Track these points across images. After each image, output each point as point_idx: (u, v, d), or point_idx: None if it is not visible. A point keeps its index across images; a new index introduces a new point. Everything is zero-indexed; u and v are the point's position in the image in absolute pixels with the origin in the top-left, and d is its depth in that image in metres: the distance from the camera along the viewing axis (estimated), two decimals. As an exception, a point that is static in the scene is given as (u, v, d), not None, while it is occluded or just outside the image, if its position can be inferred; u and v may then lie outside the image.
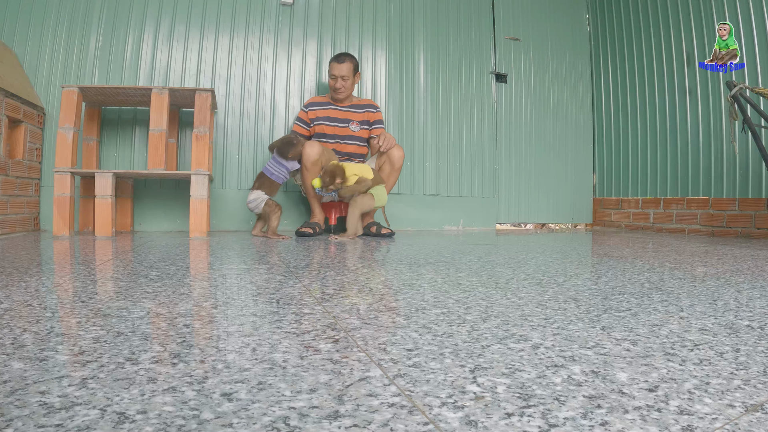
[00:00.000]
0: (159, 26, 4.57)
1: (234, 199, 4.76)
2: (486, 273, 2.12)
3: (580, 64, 6.51)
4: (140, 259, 2.38)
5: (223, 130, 4.76)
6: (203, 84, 4.66)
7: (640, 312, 1.38)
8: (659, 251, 3.27)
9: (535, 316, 1.31)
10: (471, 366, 0.91)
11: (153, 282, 1.72)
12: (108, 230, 3.62)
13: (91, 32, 4.41)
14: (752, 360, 0.97)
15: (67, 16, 4.36)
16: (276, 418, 0.67)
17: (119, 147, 4.47)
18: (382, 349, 1.00)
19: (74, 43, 4.37)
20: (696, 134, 5.20)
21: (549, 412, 0.71)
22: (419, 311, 1.34)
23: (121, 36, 4.47)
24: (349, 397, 0.75)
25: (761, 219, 4.57)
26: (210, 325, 1.17)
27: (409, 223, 5.42)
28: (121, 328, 1.11)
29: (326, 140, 4.49)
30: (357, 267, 2.30)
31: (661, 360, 0.96)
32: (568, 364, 0.93)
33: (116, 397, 0.72)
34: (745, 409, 0.74)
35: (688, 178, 5.29)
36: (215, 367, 0.86)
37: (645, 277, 2.06)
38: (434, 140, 5.55)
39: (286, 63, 4.99)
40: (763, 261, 2.74)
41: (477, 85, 5.79)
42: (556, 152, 6.22)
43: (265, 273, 2.02)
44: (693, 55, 5.22)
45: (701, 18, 5.13)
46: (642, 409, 0.73)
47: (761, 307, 1.48)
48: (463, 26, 5.75)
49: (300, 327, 1.15)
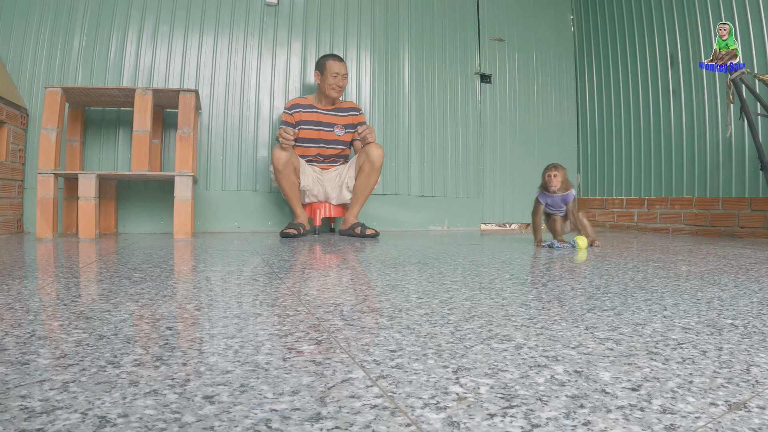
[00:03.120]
0: (143, 26, 4.55)
1: (218, 200, 4.75)
2: (470, 273, 2.12)
3: (564, 64, 6.53)
4: (124, 262, 2.37)
5: (207, 131, 4.74)
6: (187, 84, 4.65)
7: (623, 311, 1.39)
8: (643, 250, 3.29)
9: (519, 316, 1.31)
10: (454, 367, 0.91)
11: (136, 284, 1.72)
12: (92, 232, 3.60)
13: (75, 32, 4.39)
14: (735, 358, 0.98)
15: (51, 16, 4.33)
16: (257, 420, 0.66)
17: (103, 148, 4.45)
18: (365, 350, 1.00)
19: (58, 43, 4.35)
20: (679, 134, 5.23)
21: (532, 412, 0.71)
22: (403, 312, 1.34)
23: (105, 36, 4.45)
24: (332, 398, 0.75)
25: (745, 218, 4.60)
26: (193, 328, 1.16)
27: (393, 223, 5.42)
28: (103, 331, 1.10)
29: (310, 145, 4.48)
30: (341, 268, 2.30)
31: (644, 359, 0.97)
32: (552, 364, 0.93)
33: (97, 400, 0.71)
34: (728, 407, 0.74)
35: (671, 177, 5.32)
36: (197, 370, 0.86)
37: (629, 277, 2.07)
38: (419, 141, 5.56)
39: (270, 64, 4.98)
40: (747, 260, 2.76)
41: (462, 86, 5.81)
42: (540, 152, 6.24)
43: (249, 274, 2.01)
44: (677, 55, 5.26)
45: (685, 19, 5.16)
46: (625, 408, 0.73)
47: (744, 305, 1.49)
48: (447, 27, 5.76)
49: (283, 329, 1.15)
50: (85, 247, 3.03)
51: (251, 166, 4.87)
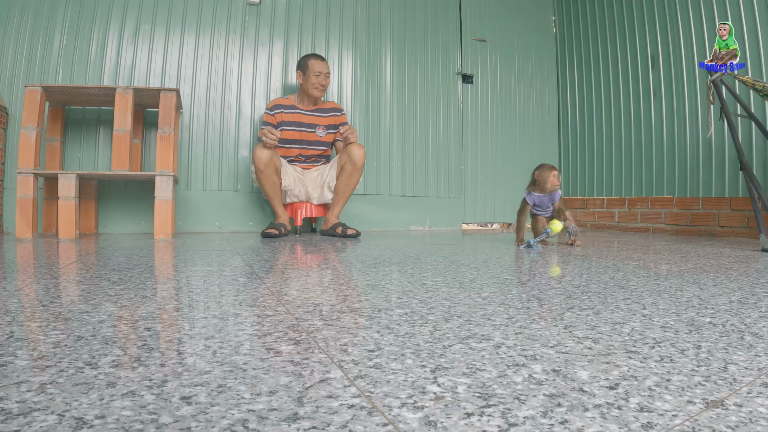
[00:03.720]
0: (124, 25, 4.51)
1: (199, 201, 4.73)
2: (450, 273, 2.13)
3: (546, 65, 6.56)
4: (103, 262, 2.36)
5: (188, 131, 4.72)
6: (168, 84, 4.63)
7: (602, 310, 1.40)
8: (624, 250, 3.31)
9: (498, 316, 1.32)
10: (432, 366, 0.91)
11: (115, 285, 1.71)
12: (72, 232, 3.58)
13: (56, 31, 4.35)
14: (713, 357, 0.99)
15: (31, 14, 4.29)
16: (235, 421, 0.67)
17: (83, 148, 4.41)
18: (343, 350, 1.00)
19: (38, 42, 4.31)
20: (660, 135, 5.27)
21: (509, 411, 0.72)
22: (382, 312, 1.35)
23: (86, 35, 4.41)
24: (309, 398, 0.75)
25: (725, 218, 4.64)
26: (172, 328, 1.16)
27: (374, 223, 5.43)
28: (81, 332, 1.10)
29: (292, 146, 4.47)
30: (321, 268, 2.30)
31: (622, 358, 0.97)
32: (530, 363, 0.94)
33: (75, 402, 0.71)
34: (706, 405, 0.75)
35: (652, 177, 5.36)
36: (175, 371, 0.86)
37: (609, 276, 2.09)
38: (400, 141, 5.56)
39: (252, 63, 4.97)
40: (726, 259, 2.78)
41: (443, 86, 5.82)
42: (522, 152, 6.27)
43: (230, 275, 2.01)
44: (657, 57, 5.29)
45: (666, 21, 5.20)
46: (602, 407, 0.74)
47: (723, 304, 1.51)
48: (429, 27, 5.77)
49: (262, 329, 1.15)
50: (64, 248, 3.01)
51: (232, 165, 4.85)
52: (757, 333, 1.17)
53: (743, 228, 4.50)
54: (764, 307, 1.48)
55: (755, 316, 1.35)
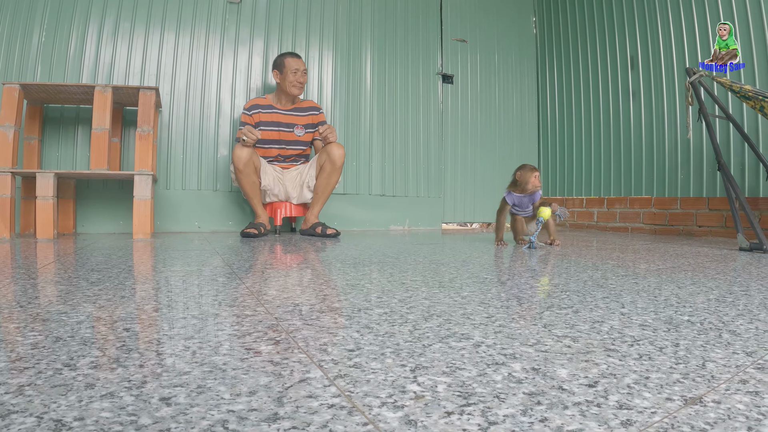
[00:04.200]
0: (103, 22, 4.47)
1: (178, 200, 4.70)
2: (430, 272, 2.13)
3: (526, 65, 6.59)
4: (82, 262, 2.35)
5: (167, 130, 4.69)
6: (148, 82, 4.59)
7: (581, 309, 1.41)
8: (602, 249, 3.33)
9: (478, 315, 1.32)
10: (412, 365, 0.91)
11: (94, 285, 1.70)
12: (50, 232, 3.55)
13: (34, 27, 4.30)
14: (691, 354, 1.00)
15: (10, 10, 4.24)
16: (214, 422, 0.66)
17: (61, 146, 4.38)
18: (323, 350, 1.00)
19: (16, 38, 4.26)
20: (639, 135, 5.31)
21: (489, 409, 0.72)
22: (362, 311, 1.35)
23: (65, 32, 4.37)
24: (289, 398, 0.75)
25: (703, 217, 4.69)
26: (150, 329, 1.16)
27: (354, 223, 5.42)
28: (60, 333, 1.09)
29: (270, 146, 4.46)
30: (301, 268, 2.30)
31: (601, 356, 0.98)
32: (509, 361, 0.94)
33: (53, 404, 0.71)
34: (684, 402, 0.75)
35: (631, 177, 5.40)
36: (155, 371, 0.86)
37: (588, 275, 2.10)
38: (380, 140, 5.57)
39: (232, 62, 4.94)
40: (704, 258, 2.81)
41: (423, 86, 5.83)
42: (501, 152, 6.29)
43: (209, 275, 2.00)
44: (636, 58, 5.33)
45: (645, 22, 5.24)
46: (582, 404, 0.74)
47: (701, 302, 1.52)
48: (410, 27, 5.77)
49: (241, 329, 1.15)
50: (43, 248, 2.99)
51: (212, 165, 4.83)
52: (734, 331, 1.19)
53: (721, 227, 4.54)
54: (742, 305, 1.50)
55: (733, 314, 1.37)
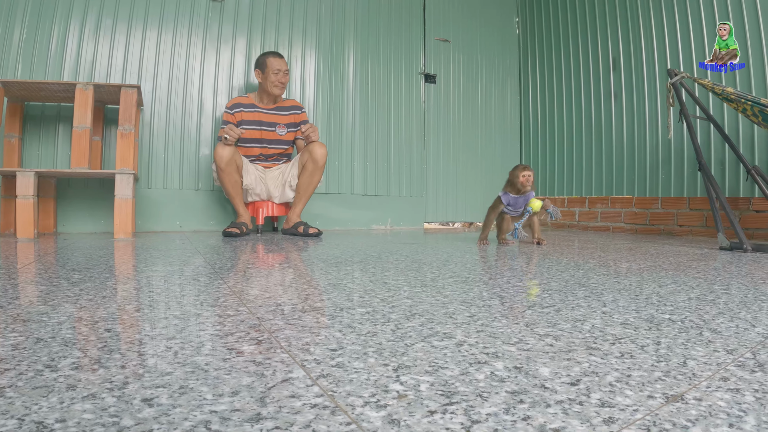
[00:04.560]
0: (85, 19, 4.43)
1: (160, 199, 4.68)
2: (412, 272, 2.14)
3: (508, 66, 6.62)
4: (63, 262, 2.33)
5: (149, 128, 4.66)
6: (129, 80, 4.56)
7: (563, 308, 1.42)
8: (584, 248, 3.35)
9: (460, 314, 1.33)
10: (394, 365, 0.92)
11: (75, 285, 1.69)
12: (30, 232, 3.52)
13: (15, 24, 4.24)
14: (672, 352, 1.01)
15: (-11, 7, 4.21)
16: (197, 422, 0.66)
17: (42, 145, 4.33)
18: (305, 349, 1.00)
19: (-5, 36, 4.23)
20: (620, 136, 5.35)
21: (472, 408, 0.72)
22: (344, 311, 1.35)
23: (46, 29, 4.32)
24: (272, 399, 0.75)
25: (683, 217, 4.73)
26: (132, 329, 1.15)
27: (336, 222, 5.42)
28: (41, 333, 1.08)
29: (252, 145, 4.45)
30: (283, 267, 2.30)
31: (583, 354, 0.99)
32: (492, 360, 0.95)
33: (35, 405, 0.71)
34: (666, 399, 0.76)
35: (612, 177, 5.43)
36: (136, 372, 0.85)
37: (569, 274, 2.11)
38: (362, 140, 5.56)
39: (214, 60, 4.92)
40: (685, 257, 2.83)
41: (406, 86, 5.84)
42: (483, 152, 6.31)
43: (191, 274, 1.99)
44: (619, 59, 5.37)
45: (628, 24, 5.28)
46: (564, 402, 0.75)
47: (682, 301, 1.54)
48: (393, 26, 5.77)
49: (223, 329, 1.15)
50: (23, 248, 2.97)
51: (194, 164, 4.80)
52: (715, 329, 1.20)
53: (701, 227, 4.58)
54: (722, 303, 1.51)
55: (713, 313, 1.38)
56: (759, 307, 1.48)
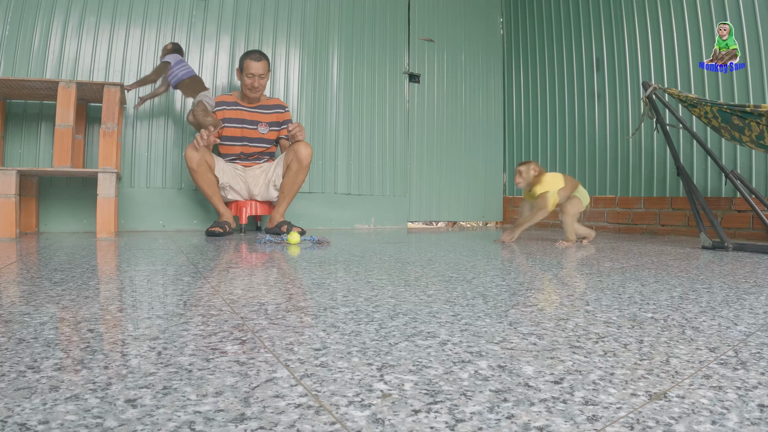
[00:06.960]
0: (69, 16, 4.39)
1: (143, 198, 4.65)
2: (396, 271, 2.14)
3: (492, 66, 6.63)
4: (45, 262, 2.31)
5: (132, 127, 4.64)
6: (112, 78, 4.53)
7: (546, 307, 1.42)
8: (567, 247, 3.36)
9: (444, 313, 1.33)
10: (378, 364, 0.92)
11: (57, 285, 1.68)
12: (11, 231, 3.49)
13: (-4, 21, 4.23)
14: (655, 350, 1.02)
15: (-30, 3, 4.17)
16: (181, 423, 0.66)
17: (24, 143, 4.30)
18: (289, 349, 1.00)
19: (-24, 33, 4.19)
20: (603, 136, 5.38)
21: (456, 407, 0.73)
22: (328, 310, 1.35)
23: (29, 26, 4.28)
24: (256, 399, 0.75)
25: (666, 216, 4.76)
26: (115, 329, 1.15)
27: (319, 222, 5.41)
28: (23, 334, 1.08)
29: (233, 143, 4.43)
30: (267, 267, 2.29)
31: (566, 353, 1.00)
32: (475, 359, 0.95)
33: (17, 407, 0.70)
34: (649, 397, 0.77)
35: (595, 177, 5.46)
36: (120, 373, 0.85)
37: (552, 273, 2.12)
38: (346, 139, 5.56)
39: (198, 58, 4.90)
40: (667, 256, 2.86)
41: (390, 85, 5.83)
42: (467, 152, 6.32)
43: (174, 274, 1.99)
44: (602, 60, 5.40)
45: (611, 25, 5.31)
46: (548, 401, 0.75)
47: (664, 299, 1.55)
48: (378, 26, 5.77)
49: (207, 329, 1.15)
50: (4, 247, 2.94)
51: (177, 163, 4.78)
52: (697, 327, 1.21)
53: (684, 226, 4.62)
54: (704, 302, 1.53)
55: (696, 311, 1.39)
56: (741, 305, 1.49)
